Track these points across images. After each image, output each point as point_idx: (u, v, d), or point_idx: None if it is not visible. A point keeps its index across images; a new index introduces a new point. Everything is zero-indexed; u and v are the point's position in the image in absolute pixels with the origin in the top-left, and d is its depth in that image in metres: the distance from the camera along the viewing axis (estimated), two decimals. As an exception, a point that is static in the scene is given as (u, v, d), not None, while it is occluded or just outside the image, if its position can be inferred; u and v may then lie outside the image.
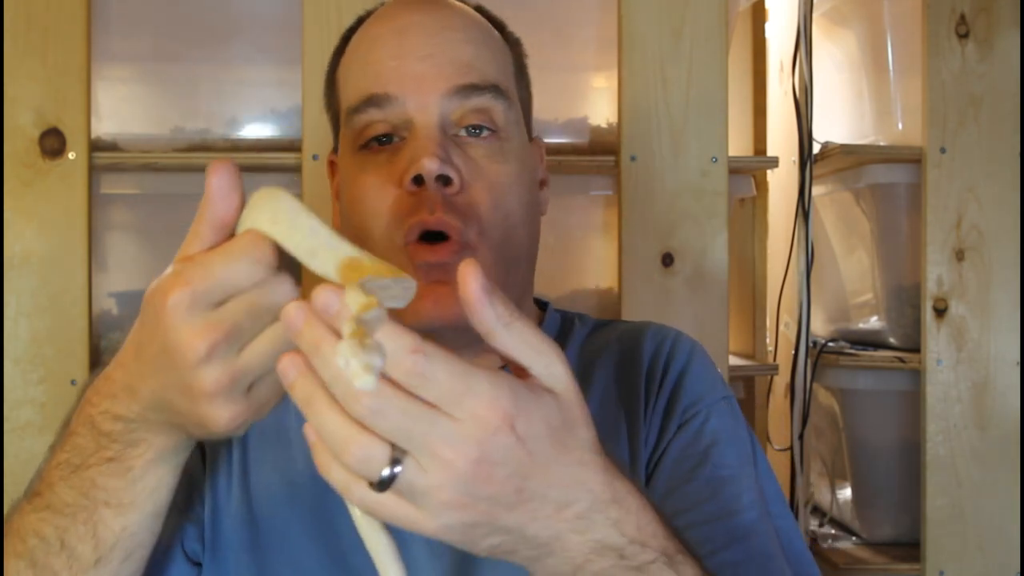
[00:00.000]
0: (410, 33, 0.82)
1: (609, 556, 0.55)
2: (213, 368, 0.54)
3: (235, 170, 0.56)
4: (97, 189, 1.40)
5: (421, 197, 0.77)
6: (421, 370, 0.49)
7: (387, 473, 0.50)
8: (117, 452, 0.62)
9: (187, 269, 0.55)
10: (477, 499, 0.51)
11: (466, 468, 0.50)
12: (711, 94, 1.44)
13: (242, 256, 0.54)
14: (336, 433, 0.50)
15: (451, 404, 0.50)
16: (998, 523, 1.52)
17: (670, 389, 0.84)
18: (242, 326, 0.54)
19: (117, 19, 1.43)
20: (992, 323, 1.54)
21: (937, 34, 1.53)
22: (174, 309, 0.54)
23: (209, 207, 0.56)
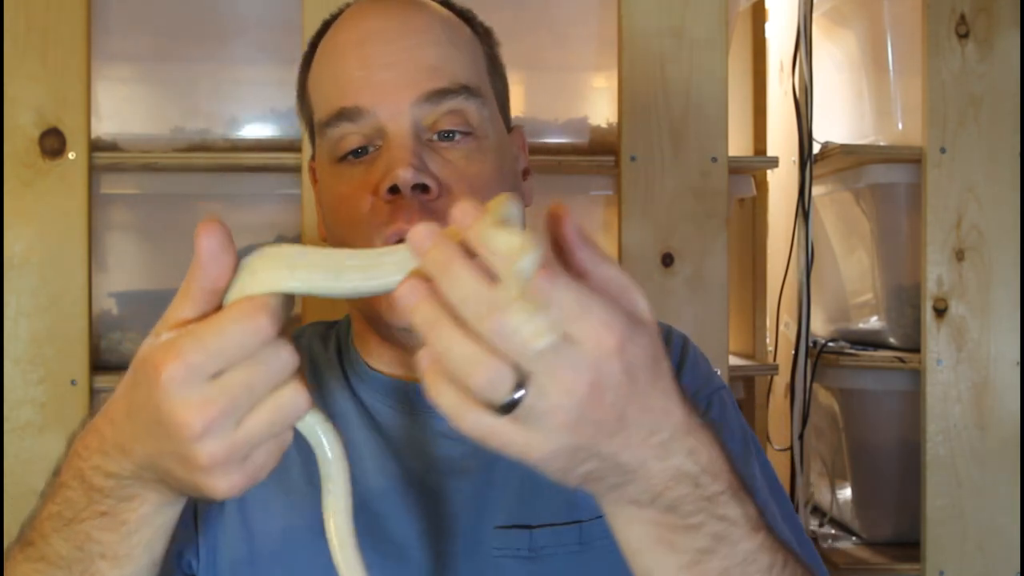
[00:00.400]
0: (373, 41, 0.81)
1: (685, 484, 0.56)
2: (210, 443, 0.53)
3: (225, 230, 0.55)
4: (97, 189, 1.40)
5: (398, 205, 0.77)
6: (548, 288, 0.50)
7: (512, 397, 0.51)
8: (110, 507, 0.61)
9: (181, 340, 0.53)
10: (587, 423, 0.52)
11: (583, 391, 0.51)
12: (711, 94, 1.44)
13: (238, 327, 0.53)
14: (463, 356, 0.50)
15: (570, 325, 0.50)
16: (998, 523, 1.52)
17: None
18: (239, 400, 0.53)
19: (117, 19, 1.43)
20: (992, 323, 1.54)
21: (937, 34, 1.53)
22: (168, 383, 0.52)
23: (200, 270, 0.54)
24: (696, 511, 0.57)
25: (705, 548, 0.58)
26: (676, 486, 0.56)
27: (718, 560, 0.58)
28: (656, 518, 0.57)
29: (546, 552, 0.79)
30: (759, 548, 0.60)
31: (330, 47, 0.85)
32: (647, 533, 0.58)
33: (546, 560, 0.79)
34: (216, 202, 1.52)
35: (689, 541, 0.58)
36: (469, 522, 0.80)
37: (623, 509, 0.58)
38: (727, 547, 0.58)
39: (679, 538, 0.57)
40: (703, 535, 0.58)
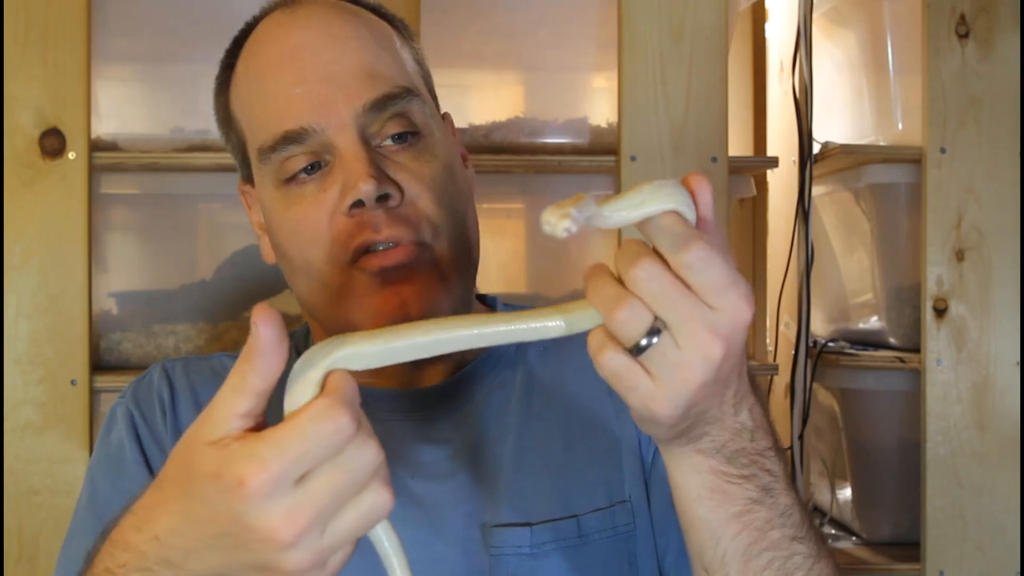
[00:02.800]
0: (303, 54, 0.79)
1: (744, 437, 0.62)
2: (298, 553, 0.52)
3: (281, 319, 0.53)
4: (97, 189, 1.40)
5: (362, 220, 0.76)
6: (704, 255, 0.54)
7: (645, 341, 0.55)
8: None
9: (261, 448, 0.51)
10: (713, 383, 0.56)
11: (718, 352, 0.55)
12: (711, 94, 1.44)
13: (320, 428, 0.51)
14: (609, 292, 0.56)
15: (717, 294, 0.54)
16: (998, 523, 1.52)
17: None
18: (327, 507, 0.52)
19: (117, 19, 1.43)
20: (992, 323, 1.54)
21: (937, 34, 1.53)
22: (255, 495, 0.50)
23: (259, 360, 0.52)
24: (749, 463, 0.62)
25: (754, 498, 0.63)
26: (737, 438, 0.61)
27: (764, 511, 0.63)
28: (716, 467, 0.61)
29: (547, 547, 0.79)
30: (793, 503, 0.65)
31: (255, 67, 0.82)
32: (705, 482, 0.62)
33: (547, 555, 0.79)
34: (216, 202, 1.52)
35: (741, 491, 0.62)
36: (462, 524, 0.80)
37: (688, 458, 0.62)
38: (771, 499, 0.63)
39: (733, 487, 0.62)
40: (753, 486, 0.62)
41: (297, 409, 0.52)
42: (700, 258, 0.53)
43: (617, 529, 0.81)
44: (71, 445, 1.35)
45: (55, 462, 1.34)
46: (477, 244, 0.86)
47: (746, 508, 0.62)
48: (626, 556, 0.81)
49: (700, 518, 0.63)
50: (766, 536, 0.63)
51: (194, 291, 1.46)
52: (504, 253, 1.52)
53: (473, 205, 0.87)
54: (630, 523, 0.81)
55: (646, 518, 0.82)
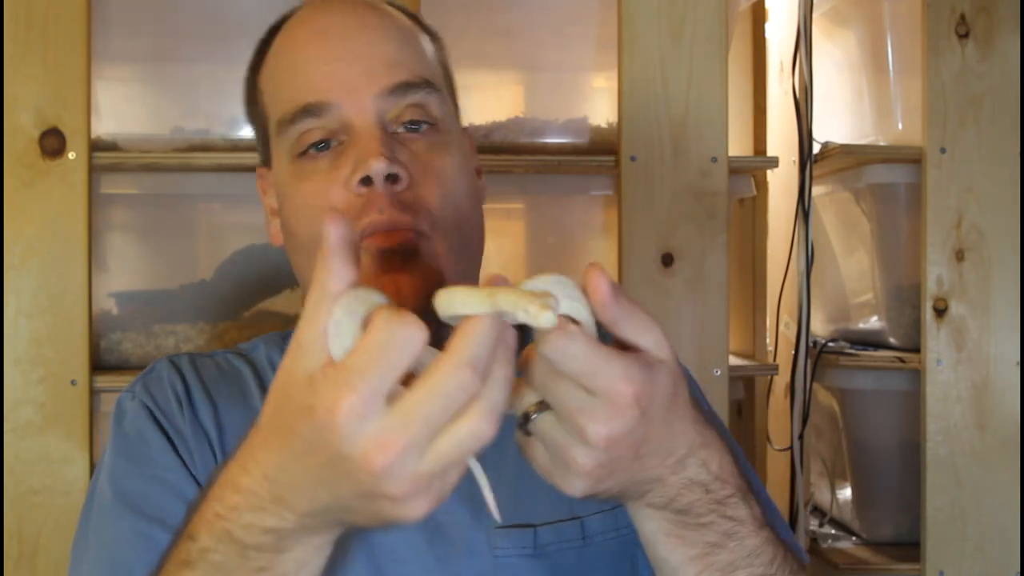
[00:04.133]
0: (333, 35, 0.81)
1: (696, 491, 0.62)
2: (396, 480, 0.51)
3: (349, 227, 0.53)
4: (97, 189, 1.40)
5: (369, 198, 0.77)
6: (561, 345, 0.54)
7: (532, 416, 0.57)
8: (268, 561, 0.58)
9: (345, 375, 0.50)
10: (603, 463, 0.57)
11: (597, 438, 0.55)
12: (711, 94, 1.44)
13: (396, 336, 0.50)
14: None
15: (587, 380, 0.55)
16: (998, 523, 1.52)
17: None
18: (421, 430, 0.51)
19: (117, 19, 1.43)
20: (992, 323, 1.54)
21: (937, 34, 1.53)
22: (345, 423, 0.50)
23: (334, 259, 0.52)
24: (707, 512, 0.63)
25: (714, 543, 0.63)
26: (688, 493, 0.62)
27: (726, 554, 0.64)
28: (670, 517, 0.63)
29: (550, 549, 0.79)
30: (763, 543, 0.65)
31: (286, 44, 0.85)
32: (662, 528, 0.64)
33: (550, 557, 0.79)
34: (216, 202, 1.52)
35: (699, 536, 0.63)
36: (466, 525, 0.80)
37: (640, 509, 0.64)
38: (734, 543, 0.64)
39: (690, 533, 0.63)
40: (713, 532, 0.63)
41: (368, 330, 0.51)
42: (559, 348, 0.54)
43: (620, 531, 0.81)
44: (71, 445, 1.34)
45: (55, 462, 1.34)
46: (479, 247, 0.86)
47: (706, 551, 0.64)
48: (628, 558, 0.81)
49: (661, 558, 0.65)
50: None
51: (194, 291, 1.46)
52: (504, 253, 1.52)
53: (480, 211, 0.87)
54: (632, 525, 0.81)
55: None
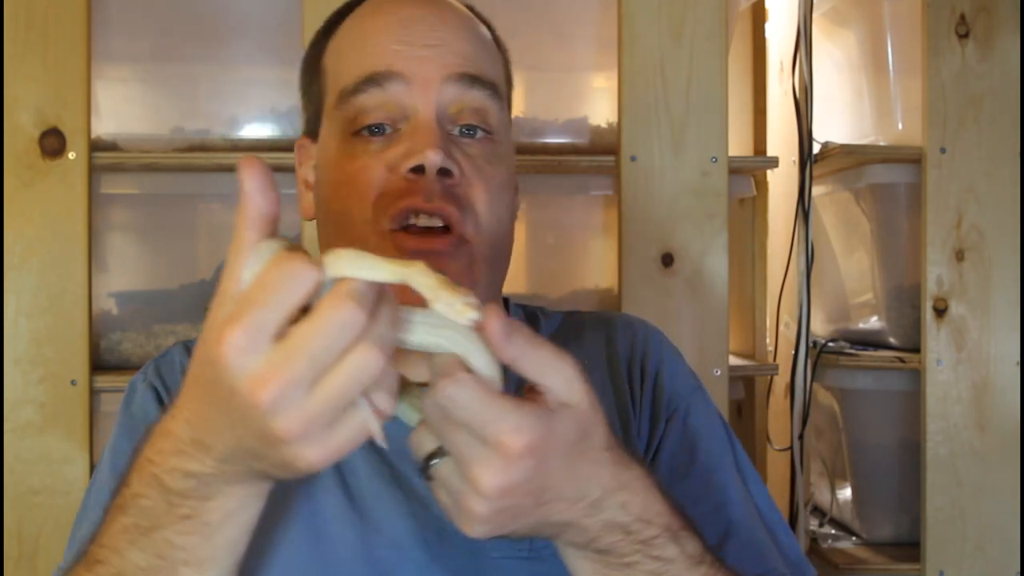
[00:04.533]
0: (414, 24, 0.81)
1: (617, 532, 0.61)
2: (283, 415, 0.51)
3: (266, 166, 0.53)
4: (97, 189, 1.40)
5: (417, 185, 0.76)
6: (450, 394, 0.53)
7: (432, 462, 0.57)
8: (192, 508, 0.58)
9: (233, 308, 0.51)
10: (503, 511, 0.56)
11: (492, 491, 0.55)
12: (711, 94, 1.44)
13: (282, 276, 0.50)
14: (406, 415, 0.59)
15: (479, 430, 0.54)
16: (998, 523, 1.52)
17: (652, 383, 0.87)
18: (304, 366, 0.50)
19: (117, 19, 1.43)
20: (992, 323, 1.54)
21: (937, 34, 1.53)
22: (228, 354, 0.50)
23: (249, 207, 0.52)
24: (631, 552, 0.62)
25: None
26: (608, 535, 0.61)
27: None
28: (592, 556, 0.62)
29: (547, 552, 0.79)
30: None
31: (364, 25, 0.84)
32: (587, 568, 0.63)
33: (547, 560, 0.79)
34: (216, 202, 1.52)
35: (626, 574, 0.63)
36: None
37: (565, 549, 0.63)
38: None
39: (616, 573, 0.63)
40: (639, 572, 0.62)
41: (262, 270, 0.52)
42: (447, 397, 0.53)
43: None
44: (71, 445, 1.34)
45: (55, 462, 1.34)
46: (506, 263, 0.86)
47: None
48: None
49: None
50: None
51: (194, 291, 1.46)
52: (504, 253, 1.52)
53: (513, 229, 0.87)
54: None
55: None
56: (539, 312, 0.94)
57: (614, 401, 0.86)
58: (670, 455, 0.83)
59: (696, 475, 0.81)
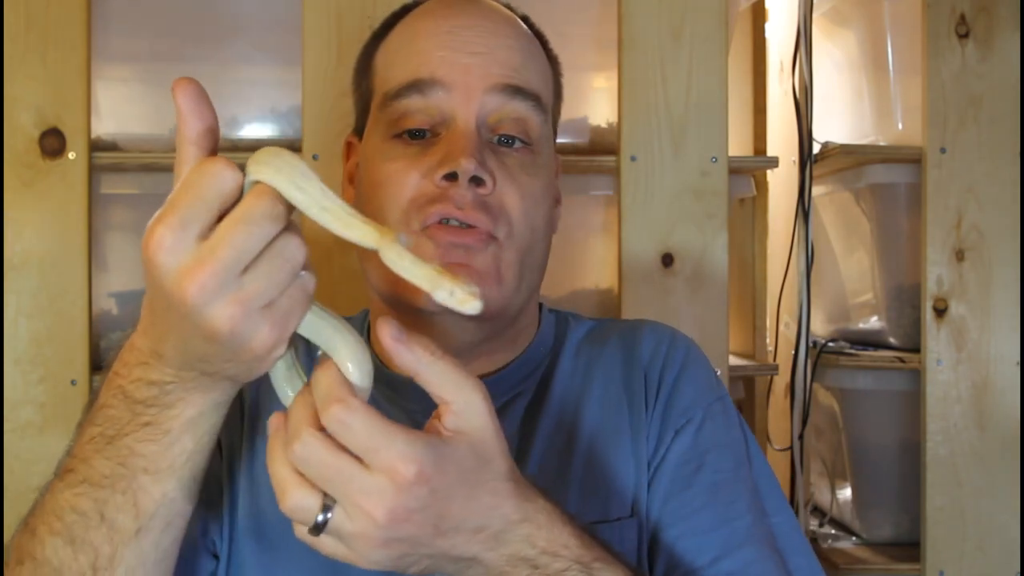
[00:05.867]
0: (462, 32, 0.82)
1: (523, 567, 0.60)
2: (217, 305, 0.53)
3: (197, 84, 0.56)
4: (97, 189, 1.40)
5: (449, 192, 0.77)
6: (341, 419, 0.54)
7: (319, 519, 0.56)
8: (153, 416, 0.61)
9: (163, 209, 0.53)
10: (399, 540, 0.56)
11: (383, 518, 0.55)
12: (711, 94, 1.44)
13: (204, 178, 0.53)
14: (277, 479, 0.56)
15: (368, 456, 0.54)
16: (998, 523, 1.52)
17: (668, 392, 0.85)
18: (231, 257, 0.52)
19: (117, 19, 1.43)
20: (992, 323, 1.54)
21: (937, 34, 1.53)
22: (156, 254, 0.52)
23: (185, 124, 0.56)
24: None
25: None
26: (514, 570, 0.60)
27: None
28: None
29: None
30: None
31: (413, 30, 0.85)
32: None
33: None
34: (216, 202, 1.52)
35: None
36: None
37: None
38: None
39: None
40: None
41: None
42: (338, 421, 0.54)
43: (624, 544, 0.80)
44: (71, 445, 1.34)
45: (55, 462, 1.34)
46: (539, 274, 0.87)
47: None
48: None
49: None
50: None
51: (194, 291, 1.46)
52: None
53: (550, 239, 0.88)
54: (634, 538, 0.81)
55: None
56: (570, 317, 0.94)
57: (628, 413, 0.85)
58: (675, 465, 0.82)
59: (699, 486, 0.80)
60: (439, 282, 0.52)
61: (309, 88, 1.37)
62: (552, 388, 0.86)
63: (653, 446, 0.83)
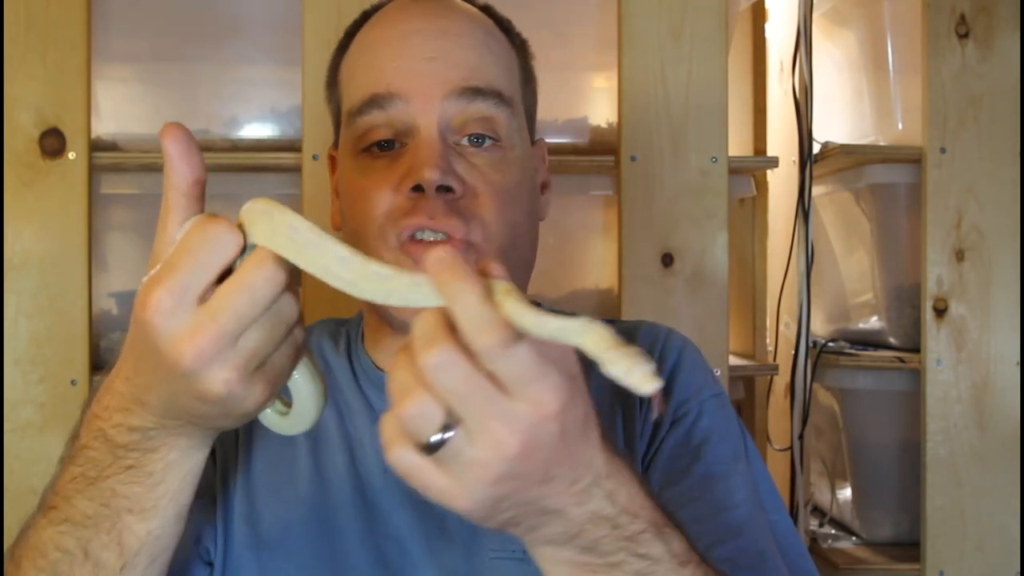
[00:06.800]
0: (414, 36, 0.81)
1: (603, 526, 0.57)
2: (215, 370, 0.53)
3: (187, 131, 0.55)
4: (97, 189, 1.40)
5: (420, 203, 0.77)
6: (506, 343, 0.50)
7: (436, 438, 0.51)
8: (136, 459, 0.61)
9: (160, 271, 0.53)
10: (514, 477, 0.52)
11: (514, 448, 0.51)
12: (711, 94, 1.44)
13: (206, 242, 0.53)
14: (399, 381, 0.51)
15: (520, 385, 0.50)
16: (998, 523, 1.52)
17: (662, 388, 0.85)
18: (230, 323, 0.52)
19: (117, 19, 1.43)
20: (992, 323, 1.54)
21: (937, 34, 1.53)
22: (155, 317, 0.52)
23: (174, 173, 0.55)
24: (616, 550, 0.58)
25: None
26: (594, 528, 0.57)
27: None
28: (574, 558, 0.58)
29: None
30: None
31: (368, 40, 0.85)
32: (566, 572, 0.58)
33: None
34: (216, 202, 1.51)
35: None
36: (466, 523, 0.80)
37: (542, 549, 0.58)
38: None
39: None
40: (623, 573, 0.58)
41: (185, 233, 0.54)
42: (503, 347, 0.50)
43: None
44: (71, 445, 1.35)
45: (55, 462, 1.33)
46: (527, 269, 0.86)
47: None
48: None
49: None
50: None
51: (194, 291, 1.46)
52: (504, 253, 1.52)
53: (536, 230, 0.87)
54: None
55: None
56: None
57: (621, 412, 0.85)
58: (668, 457, 0.82)
59: (694, 477, 0.80)
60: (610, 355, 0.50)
61: (309, 88, 1.37)
62: None
63: (647, 441, 0.83)
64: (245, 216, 0.55)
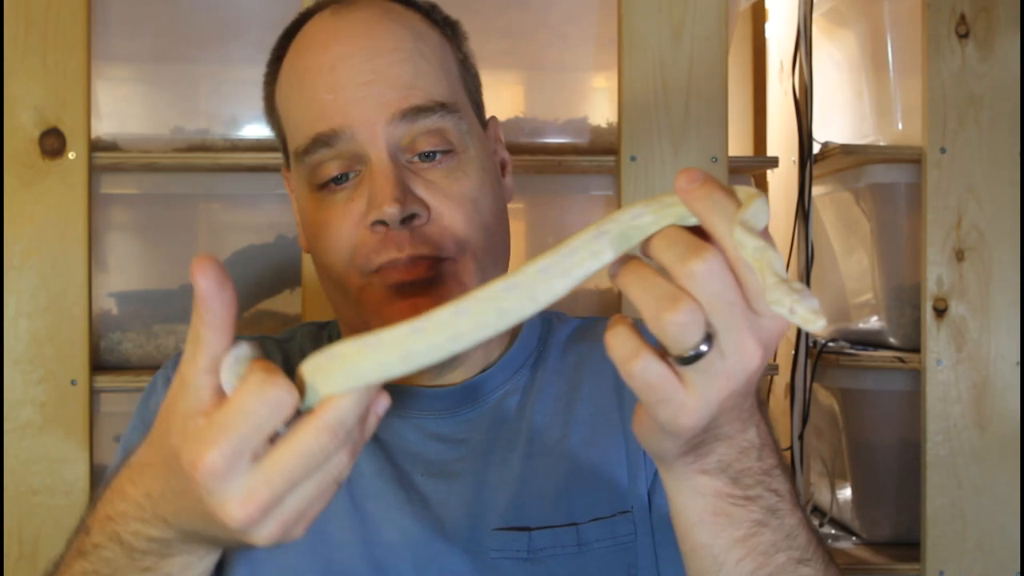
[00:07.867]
0: (344, 62, 0.80)
1: (751, 456, 0.59)
2: (261, 529, 0.52)
3: (219, 263, 0.52)
4: (97, 189, 1.40)
5: (386, 237, 0.77)
6: (768, 249, 0.49)
7: (699, 350, 0.50)
8: (153, 563, 0.61)
9: (210, 430, 0.51)
10: (739, 393, 0.52)
11: (757, 361, 0.51)
12: (711, 94, 1.44)
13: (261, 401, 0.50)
14: (659, 290, 0.50)
15: (762, 299, 0.50)
16: (998, 523, 1.52)
17: None
18: (281, 487, 0.51)
19: (117, 19, 1.43)
20: (992, 323, 1.54)
21: (937, 34, 1.53)
22: (206, 479, 0.50)
23: (206, 311, 0.51)
24: (755, 483, 0.59)
25: (760, 520, 0.60)
26: (744, 457, 0.58)
27: (769, 533, 0.60)
28: (721, 488, 0.59)
29: (544, 554, 0.79)
30: (799, 524, 0.62)
31: (299, 69, 0.83)
32: (708, 505, 0.59)
33: (544, 562, 0.79)
34: (216, 202, 1.52)
35: (746, 513, 0.59)
36: (465, 524, 0.80)
37: (691, 480, 0.59)
38: (777, 520, 0.60)
39: (738, 510, 0.59)
40: (759, 507, 0.60)
41: (239, 389, 0.51)
42: (780, 261, 0.49)
43: (617, 539, 0.80)
44: (71, 445, 1.35)
45: (55, 462, 1.34)
46: (507, 251, 0.86)
47: (751, 532, 0.59)
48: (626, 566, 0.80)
49: (702, 544, 0.60)
50: (771, 560, 0.60)
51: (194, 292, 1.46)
52: (504, 253, 1.52)
53: (506, 217, 0.87)
54: (631, 533, 0.81)
55: (648, 528, 0.82)
56: (555, 317, 0.94)
57: (619, 409, 0.85)
58: None
59: None
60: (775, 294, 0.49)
61: (309, 88, 1.37)
62: (539, 387, 0.86)
63: None
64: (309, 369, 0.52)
